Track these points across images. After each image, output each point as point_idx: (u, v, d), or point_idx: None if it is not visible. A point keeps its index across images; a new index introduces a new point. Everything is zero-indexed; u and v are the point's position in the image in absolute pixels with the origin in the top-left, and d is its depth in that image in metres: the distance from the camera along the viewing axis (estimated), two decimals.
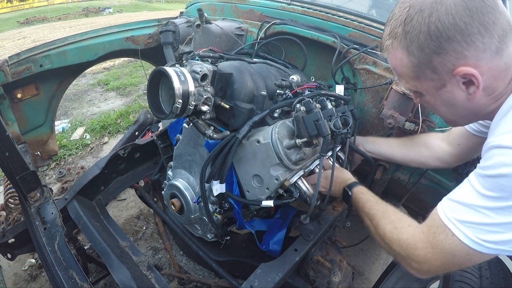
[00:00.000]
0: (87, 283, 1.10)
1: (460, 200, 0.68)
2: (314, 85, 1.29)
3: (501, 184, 0.60)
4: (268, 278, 1.06)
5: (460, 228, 0.66)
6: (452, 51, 0.66)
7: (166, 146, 1.59)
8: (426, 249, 0.74)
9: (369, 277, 2.03)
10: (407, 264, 0.80)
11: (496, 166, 0.61)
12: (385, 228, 0.87)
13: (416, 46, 0.69)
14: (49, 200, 1.38)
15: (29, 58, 1.58)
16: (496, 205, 0.61)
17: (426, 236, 0.74)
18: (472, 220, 0.65)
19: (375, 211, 0.95)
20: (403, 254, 0.79)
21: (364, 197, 1.04)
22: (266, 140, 1.04)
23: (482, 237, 0.64)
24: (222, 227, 1.30)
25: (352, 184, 1.11)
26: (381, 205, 0.97)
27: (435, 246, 0.72)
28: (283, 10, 1.85)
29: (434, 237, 0.72)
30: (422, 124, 1.33)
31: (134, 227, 2.24)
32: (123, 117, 3.88)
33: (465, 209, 0.67)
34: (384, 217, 0.91)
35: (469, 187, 0.68)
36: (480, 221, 0.64)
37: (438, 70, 0.70)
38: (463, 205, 0.67)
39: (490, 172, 0.63)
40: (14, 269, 1.89)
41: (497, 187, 0.61)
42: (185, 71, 0.99)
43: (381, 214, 0.93)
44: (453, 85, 0.71)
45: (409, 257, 0.78)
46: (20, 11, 20.77)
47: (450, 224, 0.68)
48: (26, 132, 1.77)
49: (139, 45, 2.00)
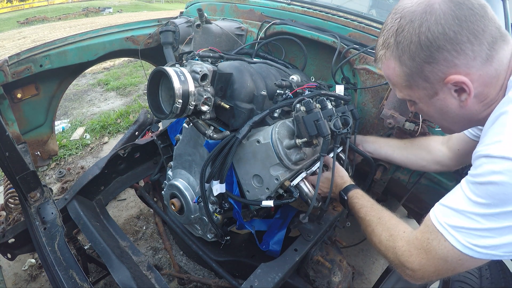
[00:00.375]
0: (87, 283, 1.10)
1: (452, 206, 0.70)
2: (314, 85, 1.29)
3: (490, 191, 0.61)
4: (268, 278, 1.06)
5: (452, 233, 0.68)
6: (442, 60, 0.67)
7: (166, 146, 1.59)
8: (420, 255, 0.75)
9: (369, 277, 2.03)
10: (402, 271, 0.81)
11: (486, 174, 0.62)
12: (381, 235, 0.89)
13: (408, 56, 0.70)
14: (49, 200, 1.38)
15: (29, 58, 1.58)
16: (486, 211, 0.63)
17: (420, 242, 0.76)
18: (463, 225, 0.66)
19: (371, 217, 0.97)
20: (399, 261, 0.81)
21: (359, 202, 1.05)
22: (266, 140, 1.04)
23: (473, 242, 0.65)
24: (222, 227, 1.30)
25: (348, 187, 1.12)
26: (376, 211, 0.98)
27: (428, 252, 0.73)
28: (283, 10, 1.85)
29: (428, 243, 0.73)
30: (422, 124, 1.33)
31: (134, 227, 2.24)
32: (123, 117, 3.88)
33: (457, 214, 0.68)
34: (380, 224, 0.93)
35: (461, 193, 0.69)
36: (471, 226, 0.65)
37: (429, 79, 0.70)
38: (455, 211, 0.68)
39: (479, 179, 0.64)
40: (14, 269, 1.89)
41: (487, 194, 0.62)
42: (185, 71, 0.99)
43: (376, 220, 0.94)
44: (445, 93, 0.72)
45: (404, 264, 0.79)
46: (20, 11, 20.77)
47: (442, 229, 0.70)
48: (26, 132, 1.77)
49: (139, 45, 2.00)
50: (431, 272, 0.74)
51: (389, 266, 1.49)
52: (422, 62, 0.69)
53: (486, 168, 0.63)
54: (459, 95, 0.71)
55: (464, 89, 0.68)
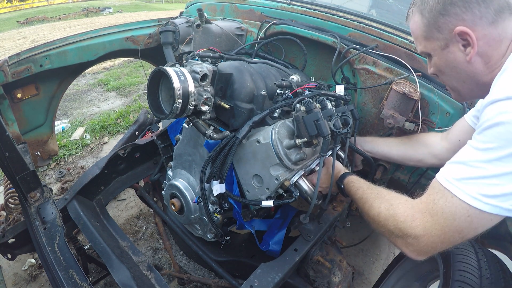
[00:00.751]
0: (87, 283, 1.10)
1: (458, 160, 0.70)
2: (314, 85, 1.29)
3: (497, 132, 0.62)
4: (268, 278, 1.06)
5: (459, 186, 0.67)
6: (453, 14, 0.78)
7: (166, 146, 1.58)
8: (425, 218, 0.73)
9: (369, 277, 2.03)
10: (404, 242, 0.77)
11: (492, 117, 0.63)
12: (380, 207, 0.86)
13: (428, 9, 0.83)
14: (49, 200, 1.38)
15: (29, 58, 1.58)
16: (493, 156, 0.62)
17: (425, 205, 0.74)
18: (469, 175, 0.66)
19: (368, 194, 0.95)
20: (400, 229, 0.77)
21: (355, 185, 1.04)
22: (266, 140, 1.04)
23: (481, 191, 0.64)
24: (222, 227, 1.30)
25: (343, 175, 1.12)
26: (373, 189, 0.97)
27: (434, 213, 0.71)
28: (283, 10, 1.85)
29: (434, 204, 0.71)
30: (422, 124, 1.33)
31: (134, 227, 2.24)
32: (123, 117, 3.87)
33: (463, 167, 0.68)
34: (378, 198, 0.90)
35: (467, 147, 0.70)
36: (478, 174, 0.64)
37: (442, 29, 0.81)
38: (461, 164, 0.69)
39: (486, 124, 0.65)
40: (14, 269, 1.89)
41: (494, 137, 0.63)
42: (185, 71, 0.99)
43: (374, 195, 0.93)
44: (454, 45, 0.81)
45: (406, 231, 0.75)
46: (20, 11, 20.76)
47: (449, 185, 0.69)
48: (26, 132, 1.77)
49: (139, 45, 2.00)
50: (436, 237, 0.71)
51: (389, 267, 1.49)
52: (437, 13, 0.81)
53: (492, 112, 0.64)
54: (465, 49, 0.79)
55: (469, 43, 0.77)
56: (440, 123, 1.35)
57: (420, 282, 1.36)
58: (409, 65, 1.37)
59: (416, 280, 1.37)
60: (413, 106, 1.32)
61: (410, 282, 1.37)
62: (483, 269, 1.15)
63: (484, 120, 0.66)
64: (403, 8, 1.97)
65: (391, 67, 1.44)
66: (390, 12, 2.15)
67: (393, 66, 1.44)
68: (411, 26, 0.91)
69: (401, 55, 1.46)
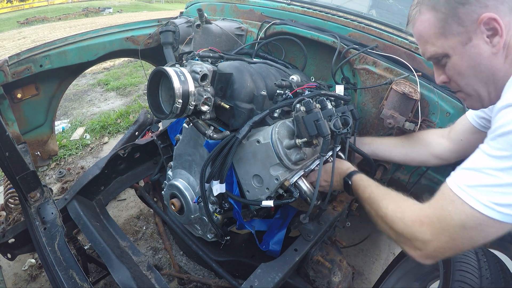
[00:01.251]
0: (87, 283, 1.10)
1: (470, 166, 0.67)
2: (314, 85, 1.29)
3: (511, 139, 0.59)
4: (268, 278, 1.06)
5: (470, 193, 0.64)
6: (475, 1, 0.71)
7: (166, 146, 1.58)
8: (432, 224, 0.70)
9: (369, 277, 2.03)
10: (411, 245, 0.75)
11: (506, 124, 0.60)
12: (388, 207, 0.84)
13: (443, 1, 0.75)
14: (49, 200, 1.38)
15: (29, 58, 1.58)
16: (507, 164, 0.60)
17: (433, 211, 0.71)
18: (482, 183, 0.63)
19: (376, 195, 0.92)
20: (407, 233, 0.75)
21: (363, 183, 1.02)
22: (266, 140, 1.04)
23: (493, 200, 0.61)
24: (222, 227, 1.30)
25: (352, 172, 1.10)
26: (382, 189, 0.94)
27: (443, 220, 0.68)
28: (283, 10, 1.86)
29: (442, 210, 0.69)
30: (422, 124, 1.33)
31: (134, 227, 2.24)
32: (123, 117, 3.87)
33: (475, 173, 0.65)
34: (386, 198, 0.88)
35: (479, 153, 0.66)
36: (491, 182, 0.62)
37: (463, 21, 0.73)
38: (473, 170, 0.66)
39: (500, 131, 0.62)
40: (14, 269, 1.89)
41: (508, 144, 0.59)
42: (185, 71, 0.99)
43: (382, 196, 0.90)
44: (478, 38, 0.73)
45: (414, 235, 0.73)
46: (20, 11, 20.77)
47: (460, 192, 0.66)
48: (26, 132, 1.77)
49: (139, 45, 2.00)
50: (445, 243, 0.68)
51: (389, 267, 1.49)
52: (456, 4, 0.73)
53: (508, 117, 0.60)
54: (491, 40, 0.73)
55: (496, 31, 0.71)
56: (440, 123, 1.35)
57: (420, 282, 1.36)
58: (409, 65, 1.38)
59: (416, 280, 1.37)
60: (413, 106, 1.32)
61: (410, 282, 1.37)
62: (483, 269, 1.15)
63: (498, 125, 0.62)
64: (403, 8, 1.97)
65: (391, 67, 1.44)
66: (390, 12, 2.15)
67: (393, 66, 1.44)
68: (418, 27, 0.82)
69: (401, 55, 1.46)
